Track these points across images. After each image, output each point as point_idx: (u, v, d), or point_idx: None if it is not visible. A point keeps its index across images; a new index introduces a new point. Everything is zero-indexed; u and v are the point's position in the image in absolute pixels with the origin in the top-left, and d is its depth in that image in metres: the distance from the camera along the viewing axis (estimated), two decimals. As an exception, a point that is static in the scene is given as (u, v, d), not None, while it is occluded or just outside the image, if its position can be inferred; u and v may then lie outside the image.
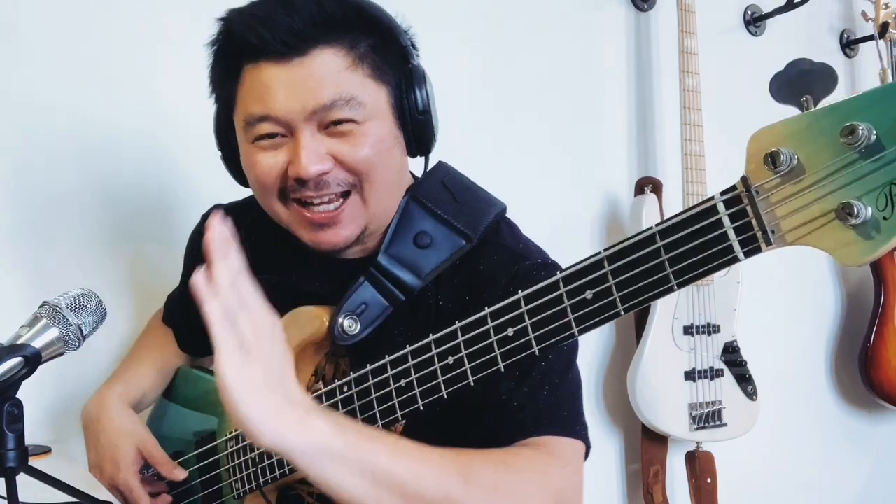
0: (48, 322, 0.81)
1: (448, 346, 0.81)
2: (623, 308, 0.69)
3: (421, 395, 0.83)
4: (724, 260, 0.63)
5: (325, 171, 0.91)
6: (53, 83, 1.38)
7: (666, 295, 0.68)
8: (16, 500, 0.76)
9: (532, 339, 0.75)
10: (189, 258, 1.26)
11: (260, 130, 0.92)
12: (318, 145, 0.91)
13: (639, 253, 0.68)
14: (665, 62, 2.07)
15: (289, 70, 0.89)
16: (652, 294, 0.68)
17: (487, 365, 0.79)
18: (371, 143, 0.92)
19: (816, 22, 2.43)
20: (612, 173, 2.00)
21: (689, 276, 0.65)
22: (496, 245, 0.99)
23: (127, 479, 1.06)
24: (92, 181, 1.41)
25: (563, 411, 0.94)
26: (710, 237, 0.63)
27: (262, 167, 0.94)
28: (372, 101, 0.92)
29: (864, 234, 0.57)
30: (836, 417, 2.43)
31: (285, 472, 0.96)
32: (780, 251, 0.64)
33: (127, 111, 1.43)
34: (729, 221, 0.62)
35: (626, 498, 2.00)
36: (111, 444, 1.09)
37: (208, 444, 1.10)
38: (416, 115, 0.96)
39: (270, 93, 0.90)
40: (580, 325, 0.72)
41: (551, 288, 0.73)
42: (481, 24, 1.82)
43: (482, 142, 1.79)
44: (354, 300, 0.96)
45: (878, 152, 0.55)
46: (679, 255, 0.65)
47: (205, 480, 1.11)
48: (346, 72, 0.90)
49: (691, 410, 1.84)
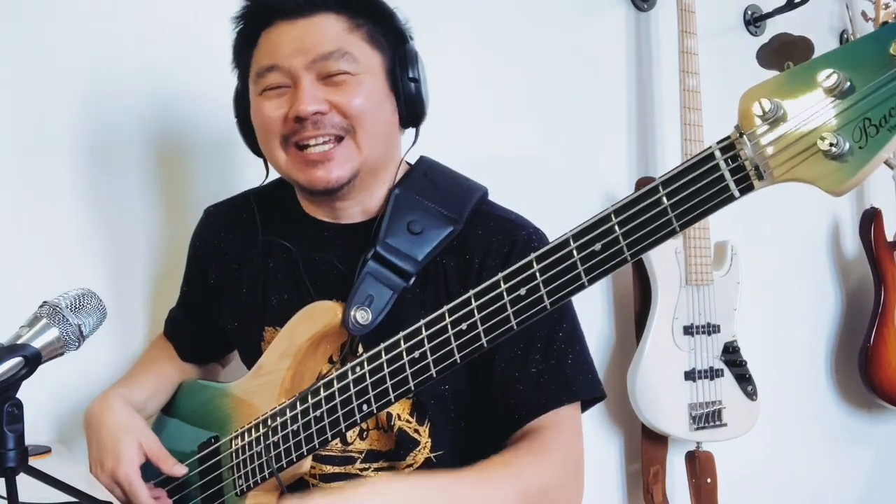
0: (48, 322, 0.81)
1: (462, 312, 0.85)
2: (629, 254, 0.75)
3: (434, 362, 0.87)
4: (721, 199, 0.71)
5: (322, 111, 1.02)
6: (53, 84, 1.38)
7: (669, 238, 0.75)
8: (16, 500, 0.76)
9: (544, 294, 0.80)
10: (194, 258, 1.27)
11: (268, 81, 1.05)
12: (317, 91, 1.02)
13: (643, 203, 0.75)
14: (665, 62, 2.07)
15: (295, 26, 1.03)
16: (656, 238, 0.74)
17: (501, 324, 0.83)
18: (363, 94, 1.04)
19: (816, 22, 2.43)
20: (612, 173, 2.00)
21: (690, 217, 0.73)
22: (487, 215, 1.09)
23: (128, 473, 1.06)
24: (93, 180, 1.41)
25: (587, 374, 1.07)
26: (709, 180, 0.71)
27: (267, 112, 1.05)
28: (366, 59, 1.05)
29: (843, 162, 0.65)
30: (836, 417, 2.43)
31: (293, 459, 0.99)
32: (781, 250, 0.66)
33: (131, 102, 1.43)
34: (725, 165, 0.71)
35: (626, 498, 2.00)
36: (113, 439, 1.10)
37: (211, 447, 1.11)
38: (407, 81, 1.07)
39: (279, 45, 1.04)
40: (590, 276, 0.78)
41: (561, 245, 0.79)
42: (481, 24, 1.82)
43: (482, 142, 1.79)
44: (362, 293, 1.03)
45: (851, 93, 0.65)
46: (680, 199, 0.73)
47: (204, 483, 1.11)
48: (344, 32, 1.04)
49: (691, 410, 1.84)
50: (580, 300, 2.02)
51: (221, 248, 1.21)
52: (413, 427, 1.08)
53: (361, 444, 1.09)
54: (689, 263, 1.86)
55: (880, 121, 0.64)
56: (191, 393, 1.24)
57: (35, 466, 0.79)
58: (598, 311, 1.97)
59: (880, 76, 0.64)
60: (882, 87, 0.64)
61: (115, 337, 1.40)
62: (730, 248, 1.96)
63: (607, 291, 1.98)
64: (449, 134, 1.74)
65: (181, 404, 1.24)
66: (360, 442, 1.09)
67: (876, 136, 0.64)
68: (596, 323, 1.97)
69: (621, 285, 1.98)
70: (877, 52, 0.64)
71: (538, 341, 1.04)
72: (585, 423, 1.12)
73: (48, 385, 1.34)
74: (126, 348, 1.41)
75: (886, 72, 0.63)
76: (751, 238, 2.10)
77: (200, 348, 1.31)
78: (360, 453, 1.09)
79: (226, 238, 1.21)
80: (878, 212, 2.34)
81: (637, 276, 1.90)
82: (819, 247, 2.40)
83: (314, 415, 0.97)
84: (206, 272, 1.23)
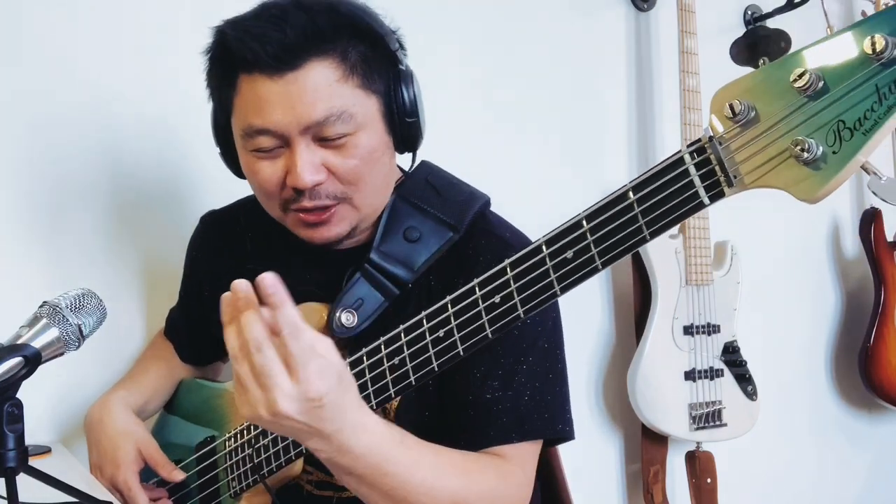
0: (48, 322, 0.81)
1: (438, 319, 0.83)
2: (601, 262, 0.73)
3: (413, 370, 0.85)
4: (690, 206, 0.68)
5: (320, 181, 0.96)
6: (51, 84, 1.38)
7: (640, 246, 0.72)
8: (16, 500, 0.76)
9: (517, 302, 0.78)
10: (190, 266, 1.26)
11: (258, 143, 0.97)
12: (313, 156, 0.95)
13: (614, 209, 0.72)
14: (665, 62, 2.07)
15: (282, 84, 0.93)
16: (626, 246, 0.72)
17: (476, 332, 0.81)
18: (362, 155, 0.97)
19: (816, 22, 2.42)
20: (612, 173, 2.00)
21: (659, 226, 0.70)
22: (483, 231, 1.05)
23: (126, 479, 1.07)
24: (94, 179, 1.41)
25: (546, 413, 1.00)
26: (678, 186, 0.68)
27: (263, 175, 0.99)
28: (363, 111, 0.97)
29: (816, 168, 0.61)
30: (836, 418, 2.43)
31: (282, 463, 0.97)
32: (781, 250, 0.65)
33: (131, 110, 1.43)
34: (695, 170, 0.67)
35: (626, 498, 2.00)
36: (112, 444, 1.10)
37: (207, 446, 1.11)
38: (404, 118, 1.00)
39: (267, 107, 0.94)
40: (562, 284, 0.76)
41: (534, 252, 0.77)
42: (481, 25, 1.82)
43: (482, 142, 1.79)
44: (351, 295, 1.00)
45: (825, 94, 0.61)
46: (650, 206, 0.70)
47: (202, 483, 1.11)
48: (337, 84, 0.94)
49: (691, 410, 1.84)
50: (580, 298, 2.02)
51: (215, 260, 1.19)
52: None
53: None
54: (689, 263, 1.86)
55: (855, 124, 0.60)
56: (190, 391, 1.25)
57: (35, 466, 0.79)
58: (598, 311, 1.97)
59: (855, 76, 0.60)
60: (856, 87, 0.60)
61: (115, 337, 1.40)
62: (730, 248, 1.96)
63: (607, 291, 1.98)
64: (448, 134, 1.74)
65: (182, 402, 1.24)
66: None
67: (850, 140, 0.60)
68: (596, 323, 1.97)
69: (621, 285, 1.98)
70: (852, 49, 0.60)
71: (499, 368, 0.99)
72: (585, 424, 1.12)
73: (48, 385, 1.34)
74: (126, 348, 1.41)
75: (861, 71, 0.59)
76: (751, 238, 2.10)
77: (199, 351, 1.31)
78: None
79: (220, 250, 1.19)
80: (878, 212, 2.34)
81: (637, 275, 1.90)
82: (819, 247, 2.40)
83: None
84: (200, 283, 1.22)
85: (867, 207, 2.39)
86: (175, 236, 1.47)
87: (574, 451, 1.19)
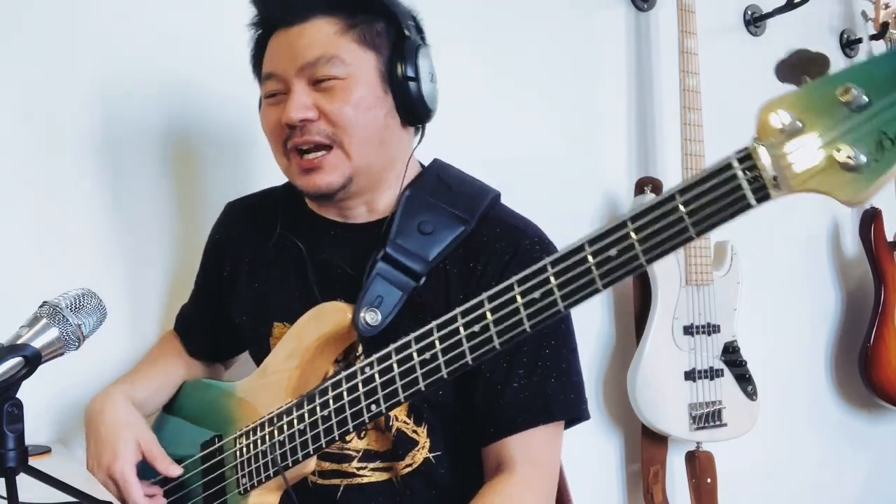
0: (48, 322, 0.81)
1: (474, 315, 0.86)
2: (645, 259, 0.77)
3: (445, 363, 0.88)
4: (738, 207, 0.73)
5: (310, 118, 1.04)
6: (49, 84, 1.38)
7: (685, 244, 0.77)
8: (16, 500, 0.76)
9: (558, 297, 0.81)
10: (211, 251, 1.28)
11: (267, 88, 1.08)
12: (305, 97, 1.04)
13: (659, 210, 0.76)
14: (665, 62, 2.07)
15: (290, 35, 1.06)
16: (672, 244, 0.76)
17: (514, 327, 0.84)
18: (352, 100, 1.04)
19: (816, 22, 2.43)
20: (612, 173, 2.00)
21: (706, 225, 0.75)
22: (496, 219, 1.10)
23: (123, 469, 1.06)
24: (95, 179, 1.41)
25: (570, 394, 1.08)
26: (727, 189, 0.73)
27: (268, 119, 1.09)
28: (356, 62, 1.05)
29: (858, 174, 0.67)
30: (836, 417, 2.43)
31: (298, 458, 0.99)
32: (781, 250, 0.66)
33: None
34: (742, 174, 0.72)
35: (626, 498, 2.00)
36: (111, 435, 1.10)
37: (214, 446, 1.11)
38: (403, 80, 1.07)
39: (276, 54, 1.07)
40: (604, 280, 0.79)
41: (576, 251, 0.80)
42: (481, 24, 1.82)
43: (481, 141, 1.79)
44: (371, 294, 1.03)
45: (867, 107, 0.67)
46: (698, 207, 0.74)
47: (207, 482, 1.11)
48: (334, 35, 1.04)
49: (691, 410, 1.84)
50: (580, 300, 1.99)
51: (239, 240, 1.22)
52: (411, 428, 1.08)
53: (359, 444, 1.10)
54: (689, 263, 1.86)
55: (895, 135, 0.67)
56: (194, 392, 1.24)
57: (35, 466, 0.79)
58: (598, 311, 1.97)
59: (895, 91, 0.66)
60: None
61: (117, 337, 1.40)
62: (730, 248, 1.96)
63: (607, 291, 1.98)
64: (447, 134, 1.74)
65: (184, 404, 1.24)
66: (357, 441, 1.10)
67: (892, 148, 0.66)
68: (596, 323, 1.97)
69: (621, 285, 1.98)
70: (893, 68, 0.67)
71: (524, 356, 1.04)
72: (585, 424, 1.12)
73: (48, 385, 1.34)
74: (126, 348, 1.41)
75: None
76: (751, 238, 2.10)
77: (209, 343, 1.31)
78: (357, 452, 1.10)
79: (244, 230, 1.22)
80: (878, 212, 2.34)
81: (637, 275, 1.90)
82: (819, 247, 2.40)
83: (321, 414, 0.97)
84: (221, 263, 1.24)
85: (867, 207, 2.39)
86: (176, 236, 1.47)
87: (574, 450, 1.19)
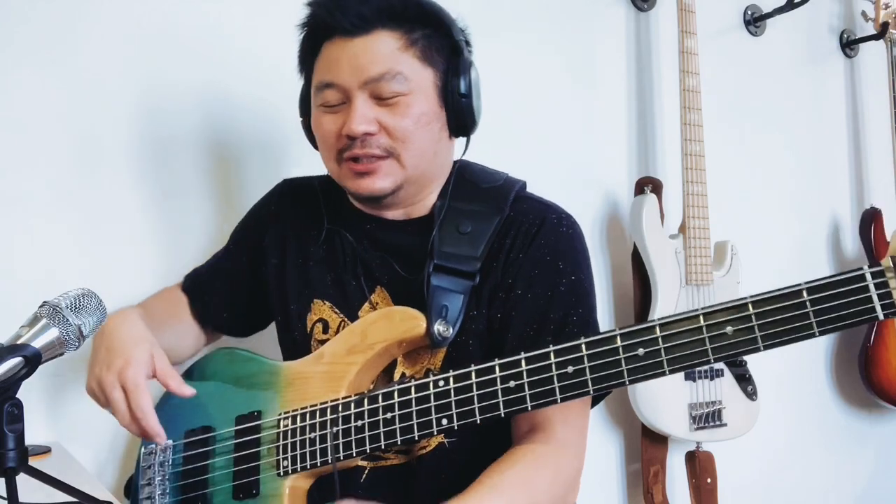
0: (48, 322, 0.81)
1: (569, 356, 0.92)
2: (763, 345, 0.85)
3: (531, 397, 0.94)
4: (865, 318, 0.81)
5: (371, 132, 1.07)
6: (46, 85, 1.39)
7: (805, 339, 0.84)
8: (16, 500, 0.76)
9: (664, 360, 0.89)
10: (251, 219, 1.29)
11: (325, 97, 1.10)
12: (368, 110, 1.07)
13: (785, 302, 0.84)
14: (665, 62, 2.07)
15: (353, 46, 1.07)
16: (793, 337, 0.84)
17: (611, 378, 0.90)
18: (413, 115, 1.08)
19: (816, 22, 2.43)
20: (612, 173, 2.00)
21: (830, 327, 0.82)
22: (523, 200, 1.16)
23: (136, 375, 1.03)
24: (96, 179, 1.41)
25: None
26: (856, 298, 0.81)
27: (325, 127, 1.11)
28: (417, 78, 1.08)
29: None
30: (836, 417, 2.43)
31: (352, 453, 1.01)
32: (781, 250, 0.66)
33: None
34: (874, 288, 0.81)
35: (626, 498, 2.00)
36: (127, 344, 1.07)
37: (252, 422, 1.10)
38: (457, 96, 1.12)
39: (337, 64, 1.08)
40: (716, 355, 0.87)
41: (691, 320, 0.88)
42: (481, 24, 1.81)
43: (481, 142, 1.79)
44: (436, 305, 1.06)
45: None
46: (824, 308, 0.82)
47: (239, 456, 1.09)
48: (398, 52, 1.07)
49: (691, 410, 1.84)
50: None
51: (285, 216, 1.24)
52: None
53: None
54: (689, 263, 1.86)
55: None
56: (230, 362, 1.20)
57: (35, 466, 0.79)
58: (598, 311, 1.97)
59: None
60: None
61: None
62: (730, 248, 1.96)
63: (607, 291, 1.99)
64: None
65: (216, 371, 1.20)
66: None
67: None
68: (596, 323, 1.97)
69: (621, 285, 1.98)
70: None
71: (551, 323, 1.07)
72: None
73: (48, 385, 1.35)
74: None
75: None
76: (751, 238, 2.10)
77: (223, 312, 1.29)
78: None
79: (292, 208, 1.24)
80: (878, 212, 2.34)
81: (637, 275, 1.90)
82: (819, 247, 2.40)
83: (384, 416, 0.99)
84: (263, 233, 1.25)
85: (867, 207, 2.39)
86: (176, 236, 1.47)
87: (574, 451, 1.19)
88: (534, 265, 1.09)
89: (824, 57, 2.46)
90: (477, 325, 1.09)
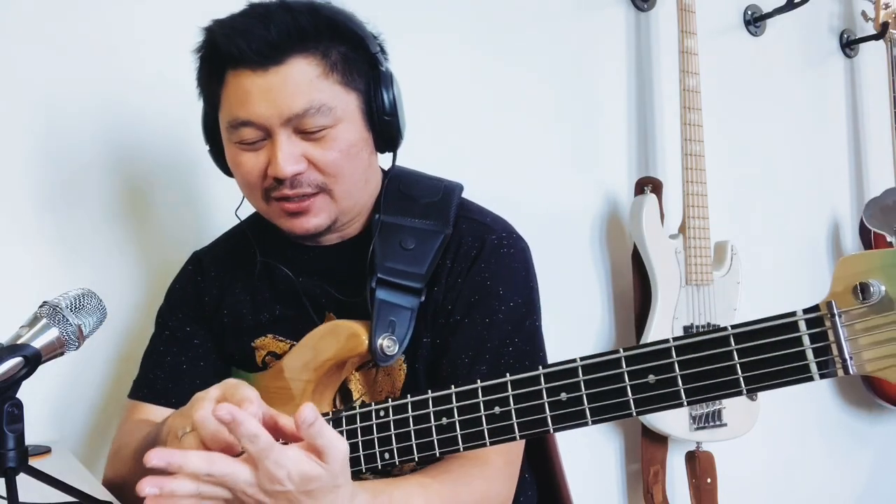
0: (48, 322, 0.81)
1: (496, 396, 0.81)
2: (687, 400, 0.70)
3: (462, 438, 0.83)
4: (797, 377, 0.64)
5: (300, 171, 0.99)
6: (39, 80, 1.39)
7: (732, 397, 0.68)
8: (16, 500, 0.76)
9: (587, 409, 0.76)
10: (172, 309, 1.19)
11: (242, 135, 1.01)
12: (294, 147, 0.99)
13: (711, 350, 0.68)
14: (665, 62, 2.07)
15: (266, 78, 0.97)
16: (719, 393, 0.68)
17: (537, 423, 0.79)
18: (341, 148, 1.01)
19: (816, 22, 2.43)
20: (612, 173, 2.00)
21: (759, 385, 0.65)
22: (465, 219, 1.09)
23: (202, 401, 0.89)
24: (95, 179, 1.41)
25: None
26: (787, 352, 0.64)
27: (246, 167, 1.03)
28: (342, 106, 1.01)
29: None
30: (836, 417, 2.43)
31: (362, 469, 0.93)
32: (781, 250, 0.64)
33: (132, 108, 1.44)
34: (809, 341, 0.63)
35: (626, 498, 2.00)
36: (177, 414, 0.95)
37: None
38: (383, 117, 1.04)
39: (250, 99, 0.98)
40: (638, 408, 0.73)
41: (612, 363, 0.74)
42: (481, 24, 1.82)
43: (482, 142, 1.79)
44: (383, 320, 1.00)
45: None
46: (752, 362, 0.65)
47: None
48: (318, 80, 0.99)
49: (691, 410, 1.84)
50: (580, 298, 2.01)
51: (217, 281, 1.17)
52: None
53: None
54: (689, 263, 1.86)
55: None
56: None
57: (35, 466, 0.79)
58: (598, 311, 1.97)
59: None
60: None
61: (115, 337, 1.40)
62: (730, 248, 1.96)
63: (607, 291, 1.99)
64: (448, 134, 1.75)
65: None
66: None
67: None
68: (596, 323, 1.97)
69: (621, 285, 1.98)
70: None
71: (487, 352, 1.01)
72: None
73: (48, 385, 1.35)
74: (126, 348, 1.41)
75: None
76: (751, 238, 2.10)
77: (199, 388, 1.16)
78: None
79: (220, 272, 1.17)
80: (879, 212, 2.34)
81: (637, 275, 1.90)
82: (819, 247, 2.40)
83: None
84: (199, 298, 1.17)
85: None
86: (177, 236, 1.47)
87: (574, 451, 1.19)
88: (473, 291, 1.04)
89: (824, 57, 2.46)
90: (426, 351, 1.05)
